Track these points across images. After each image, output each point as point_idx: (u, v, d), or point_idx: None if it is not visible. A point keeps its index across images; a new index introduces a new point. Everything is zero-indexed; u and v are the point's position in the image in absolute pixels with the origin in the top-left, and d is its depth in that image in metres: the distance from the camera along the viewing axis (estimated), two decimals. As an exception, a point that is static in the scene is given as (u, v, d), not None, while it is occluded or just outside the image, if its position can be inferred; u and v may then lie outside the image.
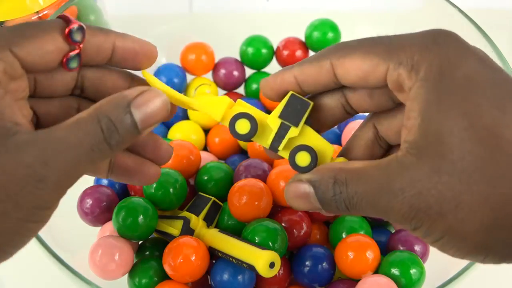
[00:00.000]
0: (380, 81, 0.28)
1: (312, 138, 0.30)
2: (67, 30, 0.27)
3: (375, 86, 0.28)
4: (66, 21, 0.28)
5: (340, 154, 0.32)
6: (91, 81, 0.31)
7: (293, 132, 0.30)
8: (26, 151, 0.24)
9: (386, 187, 0.25)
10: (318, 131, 0.31)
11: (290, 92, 0.30)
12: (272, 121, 0.30)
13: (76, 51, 0.28)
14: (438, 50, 0.26)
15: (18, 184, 0.24)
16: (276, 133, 0.30)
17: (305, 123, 0.30)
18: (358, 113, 0.31)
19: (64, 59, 0.28)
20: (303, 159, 0.29)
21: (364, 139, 0.32)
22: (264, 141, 0.31)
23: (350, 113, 0.31)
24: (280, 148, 0.30)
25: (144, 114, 0.26)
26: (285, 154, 0.30)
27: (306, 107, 0.30)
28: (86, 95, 0.31)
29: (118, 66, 0.31)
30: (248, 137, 0.30)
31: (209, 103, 0.31)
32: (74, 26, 0.27)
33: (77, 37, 0.28)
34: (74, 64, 0.28)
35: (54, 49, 0.27)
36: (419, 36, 0.27)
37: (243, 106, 0.31)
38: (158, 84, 0.31)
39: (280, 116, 0.30)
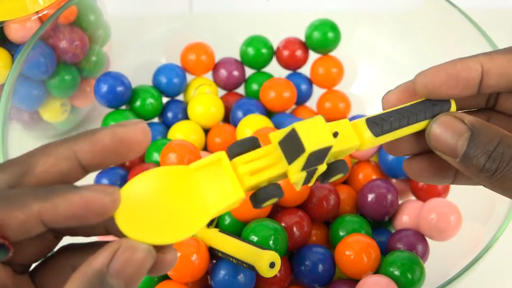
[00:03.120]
0: None
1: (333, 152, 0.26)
2: None
3: None
4: None
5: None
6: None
7: (321, 169, 0.26)
8: None
9: None
10: None
11: (308, 149, 0.24)
12: (295, 178, 0.25)
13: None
14: None
15: None
16: (304, 180, 0.26)
17: None
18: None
19: None
20: (337, 177, 0.27)
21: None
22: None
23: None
24: (310, 184, 0.27)
25: (128, 278, 0.21)
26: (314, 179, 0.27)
27: (328, 149, 0.25)
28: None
29: (66, 229, 0.24)
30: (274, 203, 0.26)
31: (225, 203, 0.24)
32: None
33: None
34: (0, 256, 0.22)
35: None
36: None
37: (257, 180, 0.25)
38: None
39: (304, 168, 0.25)
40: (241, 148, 0.25)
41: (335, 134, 0.25)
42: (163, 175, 0.23)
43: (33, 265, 0.24)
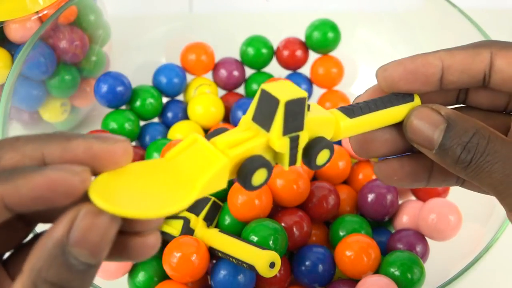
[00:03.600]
0: None
1: (314, 121, 0.26)
2: None
3: None
4: None
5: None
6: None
7: (303, 137, 0.25)
8: None
9: None
10: None
11: (283, 100, 0.24)
12: (280, 145, 0.24)
13: None
14: None
15: None
16: (290, 155, 0.25)
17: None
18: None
19: None
20: (323, 157, 0.26)
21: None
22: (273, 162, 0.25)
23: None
24: (298, 163, 0.26)
25: (92, 247, 0.19)
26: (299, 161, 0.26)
27: (303, 102, 0.24)
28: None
29: (31, 213, 0.21)
30: (263, 185, 0.24)
31: (206, 186, 0.22)
32: None
33: None
34: None
35: None
36: None
37: (240, 151, 0.23)
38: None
39: (285, 133, 0.24)
40: (218, 134, 0.24)
41: (308, 107, 0.25)
42: (143, 166, 0.22)
43: (6, 255, 0.23)
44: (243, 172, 0.23)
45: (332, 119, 0.26)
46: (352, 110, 0.27)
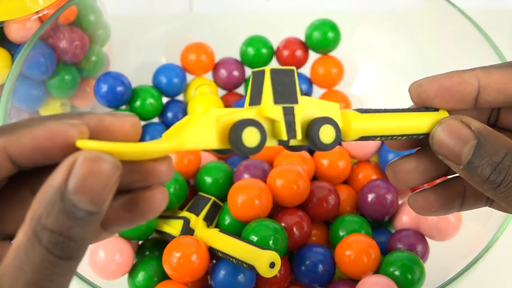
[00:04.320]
0: None
1: (314, 105, 0.25)
2: None
3: None
4: None
5: None
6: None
7: (299, 110, 0.25)
8: None
9: None
10: None
11: (267, 69, 0.24)
12: (272, 112, 0.24)
13: None
14: None
15: None
16: (285, 123, 0.24)
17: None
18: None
19: None
20: (327, 134, 0.25)
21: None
22: (272, 140, 0.25)
23: None
24: (299, 136, 0.25)
25: (91, 193, 0.19)
26: (303, 140, 0.25)
27: (292, 74, 0.24)
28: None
29: (34, 166, 0.21)
30: (259, 149, 0.24)
31: (193, 132, 0.22)
32: None
33: None
34: None
35: None
36: None
37: (227, 112, 0.24)
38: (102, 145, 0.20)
39: (276, 101, 0.24)
40: None
41: (305, 91, 0.25)
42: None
43: None
44: (232, 132, 0.23)
45: (337, 105, 0.26)
46: (366, 110, 0.26)
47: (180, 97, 0.52)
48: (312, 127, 0.25)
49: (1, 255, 0.21)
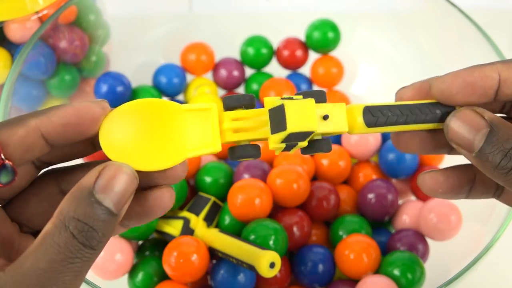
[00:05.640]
0: None
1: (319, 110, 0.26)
2: None
3: None
4: None
5: None
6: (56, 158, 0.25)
7: (302, 144, 0.26)
8: None
9: None
10: None
11: (267, 109, 0.25)
12: (275, 146, 0.26)
13: None
14: None
15: None
16: (285, 148, 0.26)
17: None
18: None
19: None
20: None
21: None
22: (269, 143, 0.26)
23: None
24: (292, 151, 0.27)
25: (114, 195, 0.22)
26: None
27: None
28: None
29: (65, 143, 0.24)
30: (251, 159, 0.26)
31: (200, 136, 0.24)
32: None
33: None
34: (6, 179, 0.23)
35: None
36: None
37: (237, 127, 0.25)
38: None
39: (284, 141, 0.25)
40: (236, 102, 0.25)
41: (325, 117, 0.26)
42: (154, 105, 0.24)
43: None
44: (234, 154, 0.25)
45: (344, 131, 0.27)
46: (377, 118, 0.27)
47: (180, 97, 0.52)
48: (310, 149, 0.26)
49: (26, 247, 0.24)
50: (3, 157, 0.22)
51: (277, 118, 0.25)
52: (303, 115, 0.24)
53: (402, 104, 0.27)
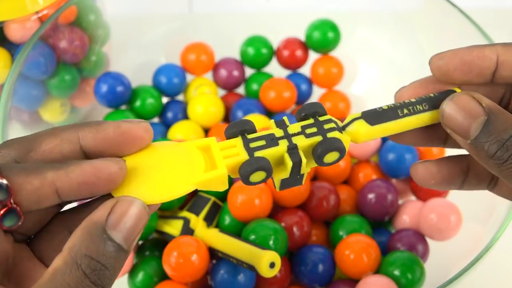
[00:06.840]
0: None
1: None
2: None
3: None
4: None
5: None
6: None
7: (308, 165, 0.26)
8: None
9: None
10: None
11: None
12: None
13: (4, 210, 0.22)
14: None
15: None
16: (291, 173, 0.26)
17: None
18: None
19: None
20: (331, 157, 0.26)
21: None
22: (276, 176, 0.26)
23: None
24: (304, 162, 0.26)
25: (126, 231, 0.22)
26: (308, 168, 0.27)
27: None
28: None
29: (76, 199, 0.24)
30: (262, 182, 0.25)
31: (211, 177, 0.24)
32: None
33: None
34: (10, 223, 0.22)
35: None
36: None
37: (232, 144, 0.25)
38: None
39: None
40: (235, 128, 0.25)
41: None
42: (162, 148, 0.25)
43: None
44: (241, 172, 0.25)
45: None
46: (376, 115, 0.26)
47: (180, 97, 0.52)
48: (317, 154, 0.26)
49: (21, 257, 0.24)
50: (12, 201, 0.22)
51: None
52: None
53: (399, 102, 0.27)
